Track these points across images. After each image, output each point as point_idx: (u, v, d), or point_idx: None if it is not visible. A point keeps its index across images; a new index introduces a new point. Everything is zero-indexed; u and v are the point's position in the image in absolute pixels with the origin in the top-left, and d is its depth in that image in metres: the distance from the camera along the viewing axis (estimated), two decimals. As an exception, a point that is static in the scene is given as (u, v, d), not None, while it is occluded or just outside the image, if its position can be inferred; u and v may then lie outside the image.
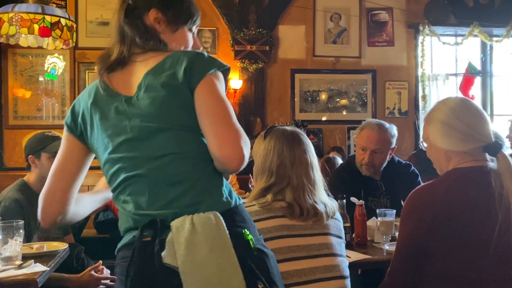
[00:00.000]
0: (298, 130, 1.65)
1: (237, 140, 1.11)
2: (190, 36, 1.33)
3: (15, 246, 1.78)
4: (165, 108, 1.16)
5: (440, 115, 1.52)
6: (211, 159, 1.14)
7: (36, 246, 1.99)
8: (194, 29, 1.35)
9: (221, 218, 1.09)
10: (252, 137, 3.03)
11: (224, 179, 1.20)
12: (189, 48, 1.34)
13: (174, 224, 1.08)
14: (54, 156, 2.59)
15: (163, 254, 1.07)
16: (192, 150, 1.15)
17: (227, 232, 1.08)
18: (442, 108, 1.54)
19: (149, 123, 1.16)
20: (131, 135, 1.18)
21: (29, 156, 2.41)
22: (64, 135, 1.35)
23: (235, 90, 4.99)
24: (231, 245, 1.08)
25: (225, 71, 1.22)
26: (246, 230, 1.13)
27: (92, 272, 2.39)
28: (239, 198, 1.21)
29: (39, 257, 1.88)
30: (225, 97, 1.17)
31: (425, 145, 1.60)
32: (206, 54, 1.22)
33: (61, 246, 2.05)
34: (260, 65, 5.03)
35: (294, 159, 1.55)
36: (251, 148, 1.24)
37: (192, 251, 1.06)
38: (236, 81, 4.98)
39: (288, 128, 1.64)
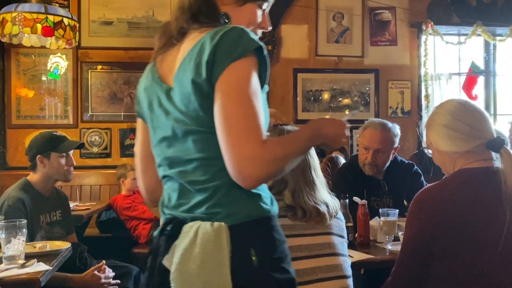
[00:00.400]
0: (295, 128, 1.63)
1: (247, 159, 0.94)
2: (259, 13, 1.19)
3: (18, 245, 1.79)
4: (192, 108, 1.04)
5: (439, 119, 1.52)
6: None
7: (39, 245, 2.00)
8: (265, 6, 1.21)
9: (227, 232, 1.00)
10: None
11: (256, 188, 1.06)
12: (255, 28, 1.18)
13: (184, 228, 1.05)
14: (64, 156, 2.61)
15: (166, 255, 1.06)
16: (216, 157, 1.02)
17: (228, 248, 0.99)
18: (440, 111, 1.54)
19: (180, 122, 1.07)
20: (168, 133, 1.10)
21: (38, 156, 2.41)
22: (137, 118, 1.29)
23: (237, 90, 4.98)
24: (227, 264, 0.99)
25: (258, 51, 1.03)
26: (254, 249, 1.01)
27: (95, 272, 2.39)
28: (268, 211, 1.07)
29: (42, 256, 1.88)
30: (248, 97, 0.98)
31: (430, 151, 1.60)
32: (235, 31, 1.02)
33: (64, 246, 2.05)
34: (263, 65, 5.02)
35: None
36: None
37: (185, 261, 1.01)
38: (239, 81, 4.97)
39: (288, 127, 1.62)
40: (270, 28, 1.22)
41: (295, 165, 1.04)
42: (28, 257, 1.81)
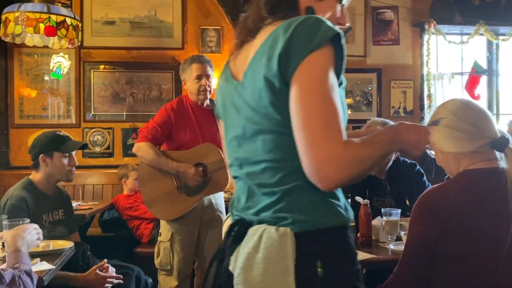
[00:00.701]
0: None
1: (327, 159, 0.89)
2: (337, 8, 1.13)
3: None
4: (262, 105, 0.98)
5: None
6: None
7: (42, 245, 2.00)
8: (345, 1, 1.15)
9: (292, 239, 0.96)
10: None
11: (330, 193, 0.99)
12: (333, 24, 1.12)
13: (249, 231, 1.02)
14: (67, 157, 2.62)
15: (231, 257, 1.04)
16: (286, 159, 0.98)
17: (293, 256, 0.94)
18: (443, 112, 1.52)
19: (251, 121, 1.02)
20: (238, 132, 1.07)
21: (40, 155, 2.42)
22: None
23: (239, 89, 4.98)
24: (291, 272, 0.94)
25: (335, 39, 0.94)
26: (320, 260, 0.95)
27: (98, 271, 2.39)
28: (339, 221, 1.00)
29: (45, 256, 1.89)
30: (327, 92, 0.91)
31: (433, 152, 1.59)
32: (311, 21, 0.95)
33: (66, 245, 2.06)
34: (265, 64, 5.02)
35: None
36: None
37: (248, 266, 0.98)
38: (241, 80, 4.97)
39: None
40: (348, 24, 1.15)
41: (372, 169, 0.98)
42: (31, 256, 1.81)
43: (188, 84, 2.92)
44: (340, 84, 1.01)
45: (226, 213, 2.97)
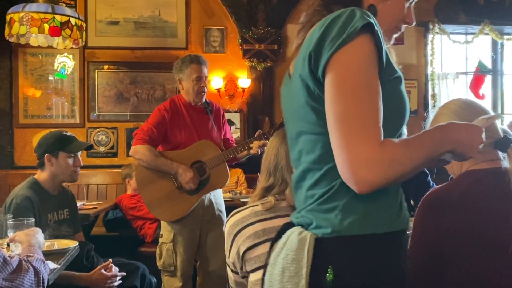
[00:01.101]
0: None
1: (362, 161, 0.85)
2: (404, 6, 1.09)
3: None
4: (301, 105, 0.96)
5: (444, 119, 1.49)
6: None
7: (46, 244, 2.01)
8: None
9: (311, 243, 0.94)
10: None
11: (364, 197, 0.91)
12: (400, 22, 1.09)
13: (286, 232, 1.03)
14: (72, 157, 2.63)
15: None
16: (321, 161, 0.95)
17: (308, 260, 0.93)
18: (445, 112, 1.51)
19: (295, 122, 1.01)
20: (290, 133, 1.06)
21: (46, 155, 2.42)
22: None
23: (243, 89, 4.99)
24: (304, 276, 0.93)
25: (369, 29, 0.89)
26: (332, 267, 0.92)
27: (102, 270, 2.40)
28: (369, 229, 0.94)
29: (50, 255, 1.89)
30: (361, 88, 0.87)
31: None
32: (344, 14, 0.90)
33: (71, 244, 2.06)
34: (269, 64, 5.02)
35: (290, 163, 1.52)
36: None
37: (273, 264, 1.01)
38: (245, 80, 4.98)
39: None
40: (414, 23, 1.11)
41: (417, 172, 0.93)
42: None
43: (185, 84, 2.89)
44: (390, 75, 0.97)
45: (227, 212, 2.97)
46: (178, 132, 2.86)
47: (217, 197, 2.99)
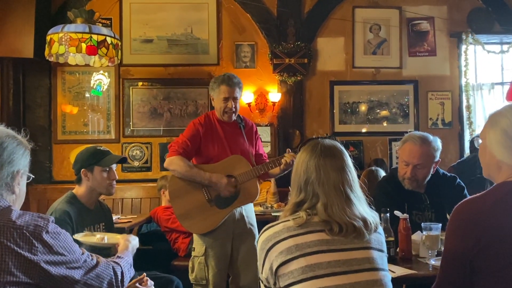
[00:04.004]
0: (334, 143, 1.60)
1: None
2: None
3: None
4: None
5: (505, 122, 1.43)
6: None
7: (98, 236, 2.12)
8: None
9: None
10: (292, 149, 3.05)
11: None
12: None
13: None
14: (106, 171, 2.69)
15: None
16: None
17: None
18: (509, 115, 1.45)
19: None
20: None
21: (82, 170, 2.50)
22: None
23: (273, 103, 5.01)
24: None
25: None
26: None
27: (137, 284, 2.43)
28: None
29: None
30: None
31: (480, 141, 1.54)
32: None
33: (120, 238, 2.10)
34: (299, 78, 5.03)
35: (320, 176, 1.50)
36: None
37: None
38: (275, 94, 5.00)
39: (324, 141, 1.59)
40: None
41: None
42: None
43: (215, 102, 2.98)
44: None
45: (258, 226, 2.98)
46: (211, 146, 2.91)
47: (248, 210, 3.01)
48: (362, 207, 1.53)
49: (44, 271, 1.34)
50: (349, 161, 1.56)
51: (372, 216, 1.55)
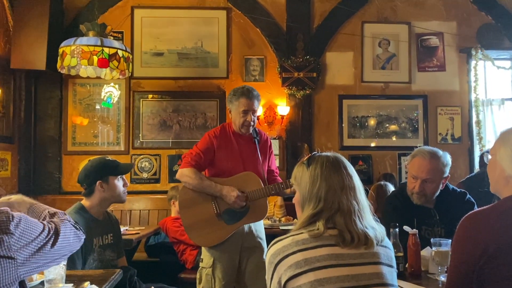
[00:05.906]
0: (339, 155, 1.63)
1: None
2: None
3: (59, 269, 1.85)
4: None
5: (505, 153, 1.47)
6: None
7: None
8: None
9: None
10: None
11: None
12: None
13: None
14: (122, 178, 2.72)
15: None
16: None
17: None
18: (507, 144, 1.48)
19: None
20: None
21: (98, 182, 2.51)
22: None
23: (282, 117, 5.03)
24: None
25: None
26: None
27: (144, 295, 2.43)
28: None
29: (94, 279, 1.94)
30: None
31: (489, 157, 1.55)
32: None
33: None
34: (308, 92, 5.05)
35: (343, 184, 1.52)
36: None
37: None
38: (284, 108, 5.02)
39: (330, 154, 1.61)
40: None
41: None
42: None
43: (233, 115, 2.96)
44: None
45: (267, 240, 2.96)
46: (225, 160, 2.91)
47: (257, 224, 3.00)
48: (370, 217, 1.54)
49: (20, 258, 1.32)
50: (354, 172, 1.60)
51: (378, 226, 1.55)
